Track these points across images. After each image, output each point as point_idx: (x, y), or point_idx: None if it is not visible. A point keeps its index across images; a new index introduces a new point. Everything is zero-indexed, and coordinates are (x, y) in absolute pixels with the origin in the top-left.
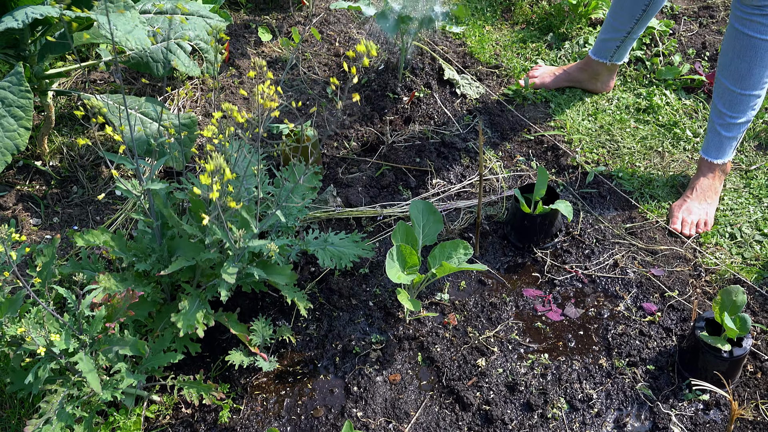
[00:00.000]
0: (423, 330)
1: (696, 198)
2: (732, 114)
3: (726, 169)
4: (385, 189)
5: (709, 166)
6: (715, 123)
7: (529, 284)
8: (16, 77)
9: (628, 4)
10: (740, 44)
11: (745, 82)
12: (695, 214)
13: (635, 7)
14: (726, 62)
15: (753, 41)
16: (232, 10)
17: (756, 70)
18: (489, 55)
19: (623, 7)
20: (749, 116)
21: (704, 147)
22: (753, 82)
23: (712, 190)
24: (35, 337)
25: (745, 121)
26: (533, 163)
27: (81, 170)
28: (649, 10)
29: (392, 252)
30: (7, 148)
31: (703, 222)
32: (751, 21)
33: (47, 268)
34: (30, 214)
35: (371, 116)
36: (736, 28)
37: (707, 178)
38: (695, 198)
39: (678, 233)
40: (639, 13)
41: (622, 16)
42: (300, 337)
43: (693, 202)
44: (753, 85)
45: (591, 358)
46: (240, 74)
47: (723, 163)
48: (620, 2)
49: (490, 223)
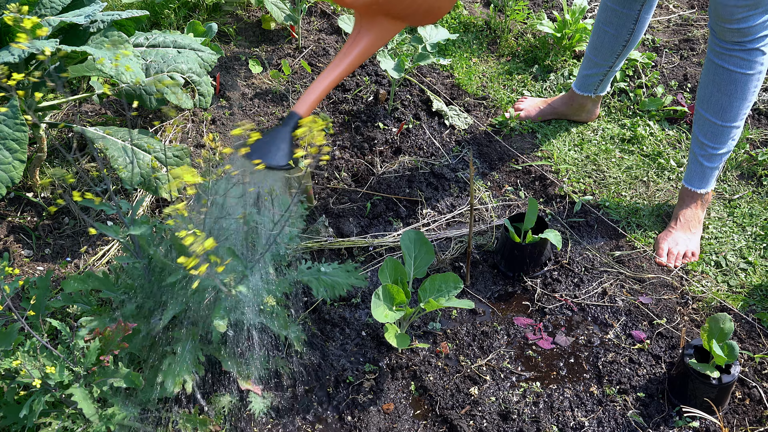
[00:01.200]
0: (416, 359)
1: (680, 228)
2: (713, 145)
3: (708, 198)
4: (376, 219)
5: (692, 196)
6: (697, 154)
7: (519, 313)
8: (12, 110)
9: (608, 40)
10: (720, 78)
11: (726, 115)
12: (681, 245)
13: (615, 43)
14: (706, 95)
15: (733, 75)
16: (222, 43)
17: (736, 102)
18: (476, 87)
19: (603, 43)
20: (730, 146)
21: (686, 177)
22: (733, 114)
23: (695, 219)
24: (30, 370)
25: (726, 151)
26: (521, 192)
27: (72, 202)
28: (629, 44)
29: (378, 292)
30: (2, 181)
31: (690, 252)
32: (731, 56)
33: (41, 301)
34: (21, 246)
35: (361, 147)
36: (716, 63)
37: (690, 207)
38: (680, 228)
39: (664, 266)
40: (619, 48)
41: (603, 52)
42: (293, 367)
43: (678, 233)
44: (733, 117)
45: (582, 385)
46: (230, 106)
47: (706, 192)
48: (600, 39)
49: (480, 252)
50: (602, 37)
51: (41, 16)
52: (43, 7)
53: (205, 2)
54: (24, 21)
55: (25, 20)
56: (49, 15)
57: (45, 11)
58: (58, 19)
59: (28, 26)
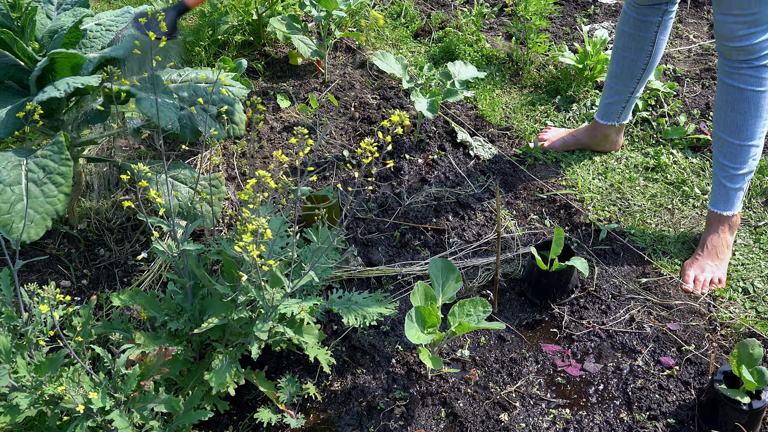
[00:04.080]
0: (445, 386)
1: (707, 255)
2: (734, 165)
3: (735, 222)
4: (404, 248)
5: (719, 219)
6: (719, 176)
7: (547, 340)
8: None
9: (627, 66)
10: (732, 97)
11: (743, 134)
12: (708, 272)
13: (635, 68)
14: (721, 116)
15: (745, 93)
16: (251, 78)
17: (751, 120)
18: (500, 118)
19: (623, 69)
20: (751, 166)
21: (712, 200)
22: (750, 133)
23: (723, 245)
24: (74, 396)
25: (748, 171)
26: (547, 221)
27: (108, 233)
28: (648, 68)
29: (411, 314)
30: (48, 213)
31: (717, 279)
32: (740, 74)
33: (85, 328)
34: (59, 276)
35: (388, 177)
36: (726, 83)
37: (718, 232)
38: (706, 255)
39: (690, 293)
40: (639, 73)
41: (623, 78)
42: (325, 394)
43: (704, 260)
44: (750, 136)
45: (612, 412)
46: (260, 139)
47: (732, 215)
48: (620, 65)
49: (507, 280)
50: (621, 63)
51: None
52: (84, 47)
53: (234, 40)
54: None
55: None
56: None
57: (86, 50)
58: (98, 55)
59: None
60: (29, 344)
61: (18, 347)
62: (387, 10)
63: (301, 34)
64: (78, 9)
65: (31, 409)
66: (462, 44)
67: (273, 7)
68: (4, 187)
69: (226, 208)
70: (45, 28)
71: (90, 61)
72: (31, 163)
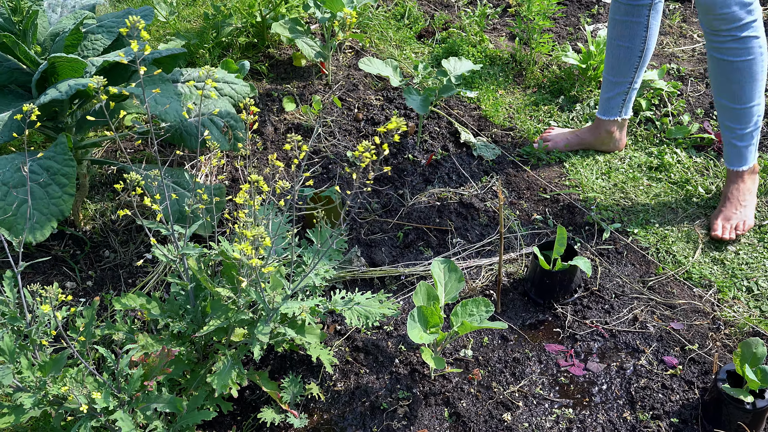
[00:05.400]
0: (448, 386)
1: (731, 205)
2: (740, 126)
3: (755, 169)
4: (407, 248)
5: (736, 174)
6: (728, 137)
7: (551, 339)
8: (60, 147)
9: (623, 55)
10: (724, 69)
11: (742, 98)
12: (734, 219)
13: (631, 56)
14: (718, 86)
15: (735, 65)
16: (255, 80)
17: (747, 86)
18: (503, 118)
19: (619, 59)
20: (758, 122)
21: (726, 159)
22: (748, 96)
23: (745, 191)
24: (77, 396)
25: (755, 128)
26: (550, 221)
27: (113, 235)
28: (644, 55)
29: (413, 313)
30: (53, 214)
31: (742, 223)
32: (726, 48)
33: (88, 328)
34: (64, 278)
35: (391, 178)
36: (716, 57)
37: (737, 183)
38: (729, 205)
39: (719, 239)
40: (636, 61)
41: (621, 69)
42: (328, 394)
43: (728, 209)
44: (749, 99)
45: (615, 411)
46: (264, 140)
47: (749, 168)
48: (615, 56)
49: (510, 280)
50: (617, 53)
51: (84, 57)
52: (86, 49)
53: (238, 42)
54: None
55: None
56: (92, 56)
57: (88, 52)
58: (101, 59)
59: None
60: (33, 345)
61: (22, 348)
62: (391, 11)
63: (305, 36)
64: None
65: (36, 409)
66: (465, 45)
67: (276, 9)
68: (8, 189)
69: (227, 210)
70: (47, 31)
71: (92, 63)
72: (35, 165)
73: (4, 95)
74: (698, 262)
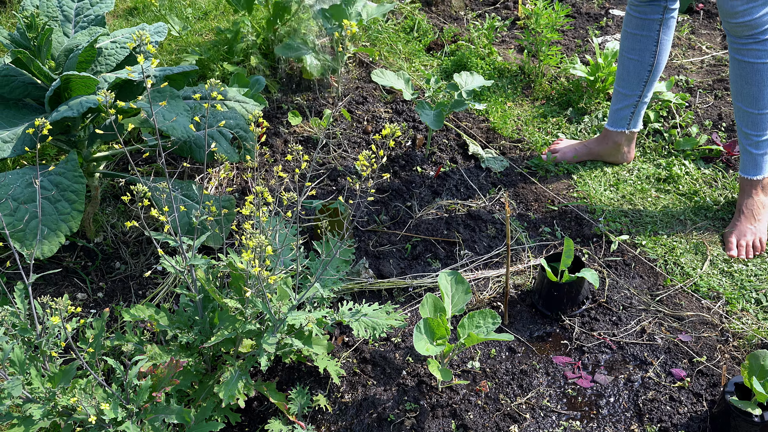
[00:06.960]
0: (456, 398)
1: (745, 220)
2: (756, 133)
3: (767, 183)
4: (415, 260)
5: (751, 184)
6: (745, 144)
7: (558, 351)
8: (71, 164)
9: (633, 68)
10: (744, 72)
11: (760, 103)
12: (749, 236)
13: (641, 69)
14: (737, 89)
15: (755, 66)
16: (264, 92)
17: (766, 90)
18: (511, 130)
19: (629, 72)
20: None
21: (741, 168)
22: (766, 101)
23: (759, 206)
24: (86, 407)
25: None
26: (558, 233)
27: (124, 247)
28: (654, 69)
29: (420, 325)
30: (62, 230)
31: (758, 241)
32: (748, 50)
33: (97, 340)
34: (76, 289)
35: (400, 190)
36: (737, 59)
37: (751, 196)
38: (744, 220)
39: (735, 258)
40: (645, 75)
41: (630, 82)
42: (336, 405)
43: (743, 225)
44: (767, 104)
45: (623, 424)
46: (273, 153)
47: (763, 177)
48: (626, 68)
49: (517, 292)
50: (627, 66)
51: (97, 73)
52: (99, 65)
53: (249, 54)
54: None
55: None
56: (105, 71)
57: (101, 68)
58: (113, 75)
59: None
60: (43, 356)
61: (32, 359)
62: (400, 24)
63: (311, 52)
64: (94, 28)
65: (45, 420)
66: (474, 57)
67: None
68: (19, 204)
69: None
70: (61, 47)
71: (104, 80)
72: (45, 181)
73: (18, 109)
74: (706, 273)
